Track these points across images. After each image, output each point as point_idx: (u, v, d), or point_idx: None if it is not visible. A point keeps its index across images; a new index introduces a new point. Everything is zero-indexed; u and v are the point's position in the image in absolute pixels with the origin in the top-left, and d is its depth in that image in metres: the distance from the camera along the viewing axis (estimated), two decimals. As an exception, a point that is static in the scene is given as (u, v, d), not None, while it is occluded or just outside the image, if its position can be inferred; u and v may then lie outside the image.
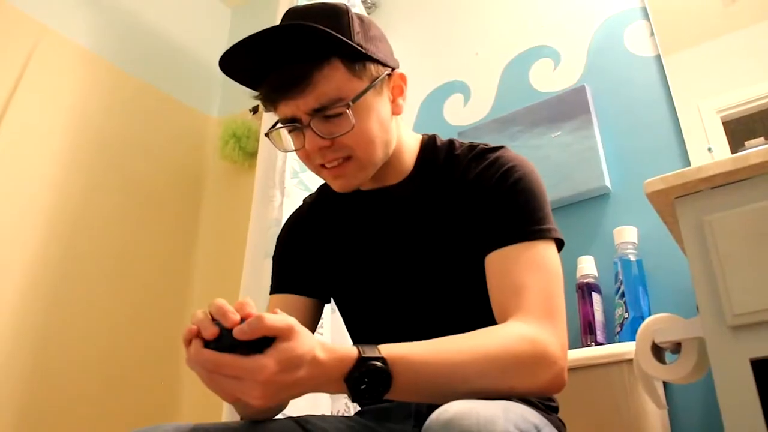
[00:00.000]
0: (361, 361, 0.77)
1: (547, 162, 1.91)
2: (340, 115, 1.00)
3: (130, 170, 2.52)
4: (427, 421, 0.73)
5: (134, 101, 2.62)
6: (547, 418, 0.92)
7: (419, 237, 1.12)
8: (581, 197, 1.84)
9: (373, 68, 1.04)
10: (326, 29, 0.94)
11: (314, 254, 1.23)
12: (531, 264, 0.97)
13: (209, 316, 0.77)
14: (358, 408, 1.25)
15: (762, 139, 1.61)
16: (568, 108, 1.95)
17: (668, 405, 1.47)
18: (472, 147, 1.14)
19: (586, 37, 2.08)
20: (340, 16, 1.01)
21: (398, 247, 1.14)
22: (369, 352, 0.78)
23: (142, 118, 2.63)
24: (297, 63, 0.97)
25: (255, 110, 2.76)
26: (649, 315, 1.43)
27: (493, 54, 2.26)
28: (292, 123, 1.01)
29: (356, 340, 1.25)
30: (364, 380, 0.77)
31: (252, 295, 1.70)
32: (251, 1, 3.26)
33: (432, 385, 0.82)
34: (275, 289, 1.25)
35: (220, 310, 0.76)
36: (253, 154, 2.61)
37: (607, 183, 1.82)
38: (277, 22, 1.91)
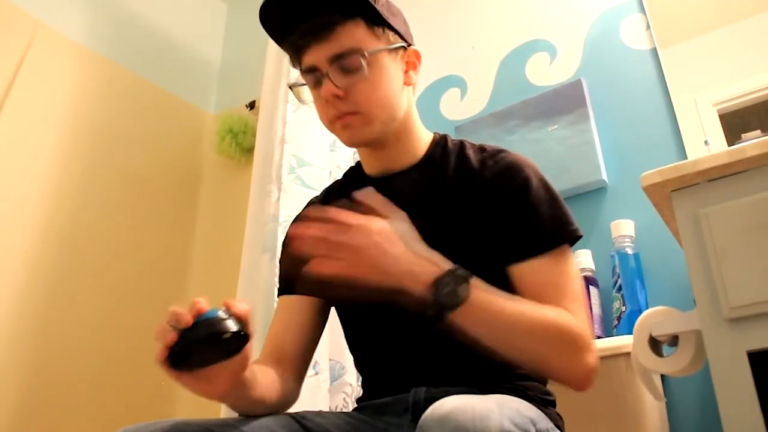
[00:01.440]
0: (454, 270, 0.84)
1: (544, 156, 1.91)
2: (355, 68, 1.08)
3: (127, 166, 2.51)
4: (423, 416, 0.74)
5: (130, 96, 2.61)
6: (544, 412, 0.93)
7: (423, 225, 1.05)
8: (578, 191, 1.84)
9: (391, 35, 1.14)
10: None
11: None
12: (563, 269, 1.04)
13: (167, 326, 0.85)
14: (355, 405, 1.25)
15: (758, 131, 1.61)
16: (565, 102, 1.95)
17: (666, 397, 1.48)
18: (482, 147, 1.19)
19: (582, 30, 2.07)
20: None
21: None
22: (460, 269, 0.84)
23: (138, 113, 2.63)
24: (327, 14, 1.08)
25: (252, 106, 2.76)
26: (647, 308, 1.43)
27: (489, 48, 2.26)
28: (314, 72, 1.10)
29: (352, 337, 1.25)
30: (448, 285, 0.83)
31: (249, 290, 1.70)
32: (247, -4, 3.26)
33: (495, 322, 0.87)
34: (282, 290, 1.26)
35: (174, 315, 0.86)
36: (249, 150, 2.61)
37: (604, 176, 1.82)
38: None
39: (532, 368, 0.96)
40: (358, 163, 1.29)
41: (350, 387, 1.68)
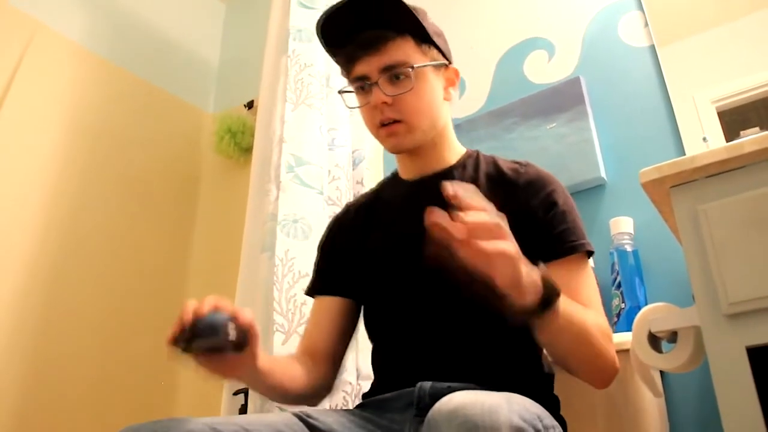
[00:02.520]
0: (552, 285, 0.90)
1: (543, 153, 1.91)
2: (402, 78, 1.20)
3: (126, 166, 2.51)
4: (432, 410, 0.75)
5: (129, 97, 2.61)
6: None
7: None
8: (577, 188, 1.84)
9: (435, 53, 1.27)
10: (408, 9, 1.19)
11: (349, 253, 1.33)
12: (586, 277, 1.16)
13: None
14: (355, 402, 1.26)
15: (757, 128, 1.61)
16: (563, 99, 1.95)
17: (665, 394, 1.48)
18: (513, 160, 1.29)
19: (580, 28, 2.08)
20: (417, 10, 1.24)
21: (422, 236, 1.15)
22: (550, 282, 0.91)
23: (137, 113, 2.63)
24: (381, 29, 1.21)
25: (250, 105, 2.76)
26: (646, 305, 1.43)
27: (487, 46, 2.26)
28: (364, 80, 1.23)
29: (375, 331, 1.30)
30: (550, 299, 0.89)
31: (248, 289, 1.70)
32: (245, -5, 3.26)
33: (570, 330, 0.95)
34: (317, 290, 1.36)
35: (188, 308, 0.97)
36: (248, 150, 2.61)
37: (603, 174, 1.82)
38: (271, 16, 1.94)
39: (576, 368, 1.06)
40: (394, 173, 1.40)
41: (350, 386, 1.68)
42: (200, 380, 2.42)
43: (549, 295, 0.87)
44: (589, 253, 1.19)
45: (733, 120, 1.69)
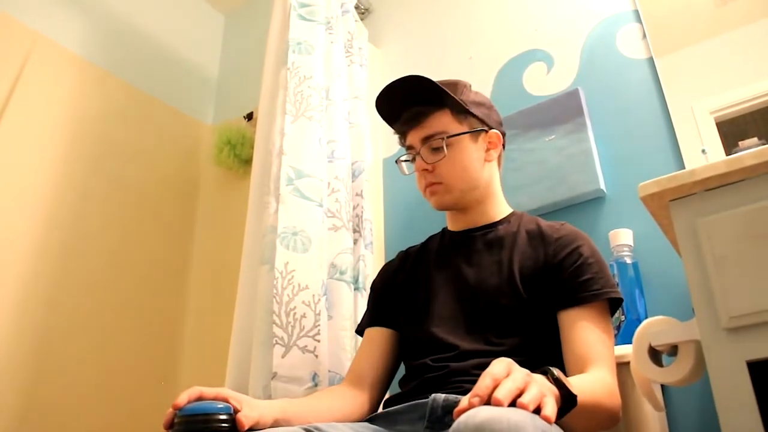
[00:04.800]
0: (569, 394, 0.90)
1: (542, 165, 1.92)
2: (439, 148, 1.37)
3: (125, 177, 2.51)
4: (457, 423, 0.75)
5: (128, 108, 2.62)
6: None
7: (489, 271, 1.33)
8: (576, 200, 1.84)
9: (474, 122, 1.42)
10: (441, 86, 1.36)
11: (398, 291, 1.48)
12: (602, 325, 1.22)
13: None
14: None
15: (755, 139, 1.61)
16: (562, 111, 1.96)
17: (666, 407, 1.47)
18: (554, 221, 1.41)
19: (578, 40, 2.08)
20: (458, 85, 1.43)
21: (464, 270, 1.36)
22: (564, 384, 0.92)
23: (136, 125, 2.63)
24: (422, 105, 1.40)
25: (249, 117, 2.76)
26: (646, 317, 1.43)
27: (486, 58, 2.26)
28: (412, 150, 1.43)
29: (410, 360, 1.38)
30: (569, 398, 0.90)
31: (247, 302, 1.69)
32: (244, 7, 3.27)
33: (584, 411, 0.95)
34: (370, 323, 1.50)
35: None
36: (247, 161, 2.61)
37: (602, 186, 1.82)
38: (270, 28, 1.96)
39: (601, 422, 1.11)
40: (444, 228, 1.54)
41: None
42: (201, 383, 2.42)
43: (567, 404, 0.89)
44: (615, 302, 1.27)
45: (732, 130, 1.70)
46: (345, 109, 2.13)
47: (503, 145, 1.49)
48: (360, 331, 1.53)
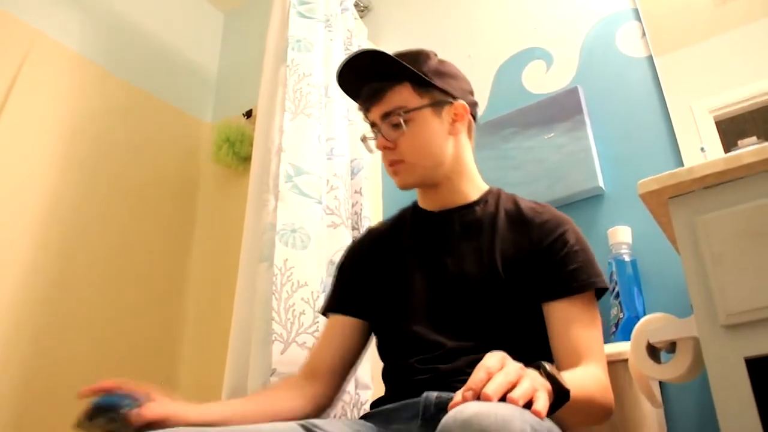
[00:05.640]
0: (561, 384, 0.88)
1: (541, 163, 1.92)
2: (398, 124, 1.29)
3: (124, 175, 2.51)
4: (444, 420, 0.75)
5: (128, 106, 2.61)
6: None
7: (469, 257, 1.27)
8: (575, 198, 1.85)
9: (436, 94, 1.32)
10: (400, 61, 1.28)
11: (368, 277, 1.39)
12: (590, 315, 1.20)
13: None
14: (354, 412, 1.27)
15: (754, 138, 1.62)
16: (561, 109, 1.96)
17: (664, 405, 1.48)
18: (532, 201, 1.36)
19: (578, 38, 2.08)
20: (419, 55, 1.34)
21: (446, 261, 1.29)
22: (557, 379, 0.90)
23: (135, 123, 2.63)
24: (381, 81, 1.31)
25: (248, 114, 2.76)
26: (644, 315, 1.43)
27: (485, 56, 2.26)
28: (374, 127, 1.34)
29: (389, 351, 1.34)
30: (562, 393, 0.88)
31: (247, 299, 1.70)
32: (243, 5, 3.26)
33: (577, 405, 0.93)
34: (332, 309, 1.42)
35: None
36: (246, 159, 2.61)
37: (601, 183, 1.82)
38: (270, 26, 1.96)
39: (575, 427, 1.09)
40: (415, 202, 1.45)
41: (348, 395, 1.68)
42: (200, 381, 2.43)
43: (560, 399, 0.88)
44: (601, 291, 1.24)
45: (731, 129, 1.70)
46: (344, 106, 2.13)
47: (474, 116, 1.40)
48: (324, 312, 1.45)
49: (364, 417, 1.25)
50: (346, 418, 1.61)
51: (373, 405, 1.28)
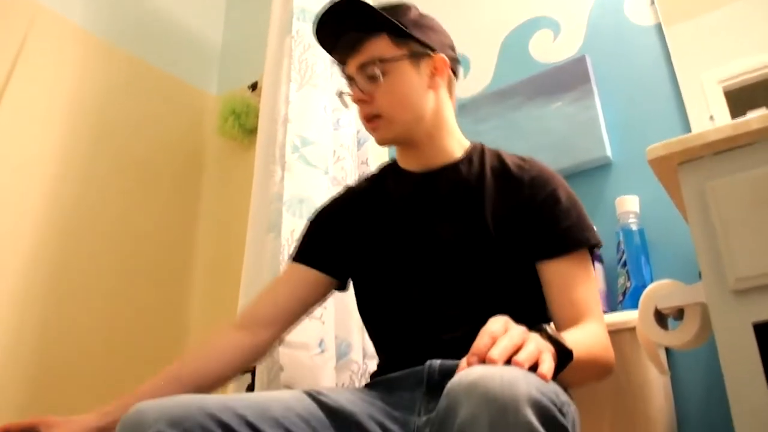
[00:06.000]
0: (563, 345, 0.88)
1: (548, 133, 1.91)
2: (374, 76, 1.24)
3: (129, 149, 2.51)
4: (450, 384, 0.76)
5: (132, 80, 2.60)
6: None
7: (458, 218, 1.24)
8: (582, 167, 1.84)
9: (414, 46, 1.26)
10: (378, 10, 1.22)
11: (347, 235, 1.35)
12: (586, 273, 1.19)
13: None
14: (361, 382, 1.28)
15: (764, 108, 1.60)
16: (569, 78, 1.94)
17: (670, 372, 1.48)
18: (517, 155, 1.32)
19: (585, 6, 2.06)
20: (399, 7, 1.29)
21: (435, 224, 1.26)
22: (559, 339, 0.89)
23: (139, 96, 2.62)
24: (358, 31, 1.26)
25: (254, 87, 2.75)
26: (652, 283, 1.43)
27: (492, 26, 2.24)
28: (351, 81, 1.28)
29: (371, 313, 1.34)
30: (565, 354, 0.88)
31: (254, 270, 1.70)
32: (248, -24, 3.24)
33: (580, 365, 0.92)
34: (295, 257, 1.37)
35: None
36: (252, 131, 2.60)
37: (609, 153, 1.82)
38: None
39: (579, 385, 1.09)
40: (395, 159, 1.40)
41: (356, 365, 1.69)
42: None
43: (563, 361, 0.88)
44: (594, 246, 1.22)
45: (740, 100, 1.68)
46: (350, 77, 2.12)
47: (455, 73, 1.35)
48: (291, 259, 1.40)
49: (368, 386, 1.25)
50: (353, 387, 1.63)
51: (374, 375, 1.28)
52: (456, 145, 1.33)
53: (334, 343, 1.64)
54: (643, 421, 1.37)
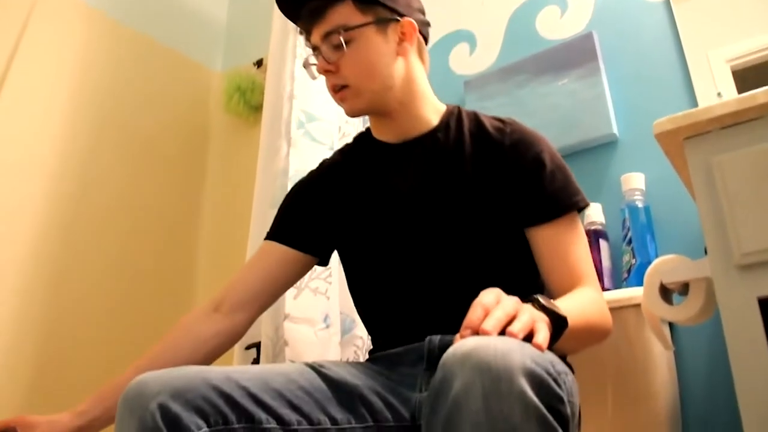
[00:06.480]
0: (559, 318, 0.88)
1: (554, 110, 1.90)
2: (339, 45, 1.19)
3: (134, 126, 2.51)
4: (445, 355, 0.76)
5: (136, 56, 2.59)
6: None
7: (440, 188, 1.21)
8: (588, 144, 1.83)
9: (380, 12, 1.21)
10: None
11: (325, 210, 1.32)
12: (578, 236, 1.17)
13: None
14: (367, 357, 1.28)
15: (771, 85, 1.59)
16: (576, 55, 1.93)
17: (674, 347, 1.48)
18: (496, 117, 1.28)
19: (594, -18, 2.04)
20: None
21: (417, 197, 1.22)
22: (554, 307, 0.89)
23: (144, 73, 2.61)
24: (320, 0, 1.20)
25: (259, 64, 2.74)
26: (657, 260, 1.43)
27: (498, 2, 2.22)
28: (316, 51, 1.23)
29: (362, 291, 1.31)
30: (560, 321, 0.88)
31: (259, 246, 1.70)
32: (253, -48, 3.22)
33: (576, 332, 0.93)
34: (270, 236, 1.35)
35: None
36: (257, 108, 2.59)
37: (615, 130, 1.81)
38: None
39: (577, 351, 1.10)
40: (368, 129, 1.36)
41: (361, 340, 1.70)
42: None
43: (558, 330, 0.87)
44: (584, 209, 1.20)
45: (748, 79, 1.67)
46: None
47: (425, 37, 1.31)
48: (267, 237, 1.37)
49: (369, 361, 1.25)
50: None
51: (372, 351, 1.27)
52: (431, 111, 1.29)
53: (338, 319, 1.65)
54: (646, 396, 1.37)
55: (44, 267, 2.10)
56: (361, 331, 1.70)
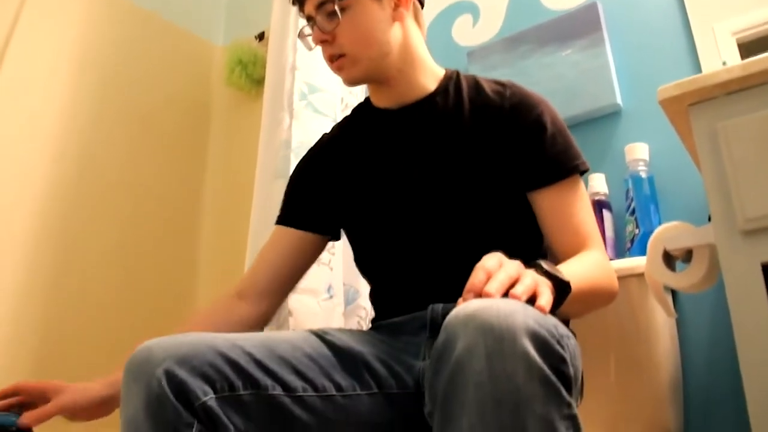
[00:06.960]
0: (561, 278, 0.87)
1: (558, 80, 1.89)
2: (333, 13, 1.17)
3: (136, 101, 2.50)
4: (448, 317, 0.76)
5: (137, 31, 2.58)
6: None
7: (439, 153, 1.20)
8: (592, 115, 1.82)
9: None
10: None
11: (328, 187, 1.32)
12: (582, 199, 1.17)
13: None
14: (371, 324, 1.29)
15: (776, 52, 1.58)
16: (579, 26, 1.91)
17: (677, 315, 1.49)
18: (495, 80, 1.26)
19: (598, -49, 2.02)
20: None
21: (418, 163, 1.21)
22: (556, 272, 0.88)
23: (146, 47, 2.60)
24: None
25: (261, 37, 2.72)
26: (660, 230, 1.43)
27: (502, -28, 2.21)
28: (311, 21, 1.21)
29: (366, 260, 1.31)
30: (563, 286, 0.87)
31: (262, 217, 1.71)
32: (254, -77, 3.19)
33: (581, 295, 0.93)
34: (281, 220, 1.35)
35: None
36: (259, 81, 2.58)
37: (619, 100, 1.80)
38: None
39: (584, 314, 1.11)
40: (368, 99, 1.35)
41: (364, 311, 1.70)
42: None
43: (562, 294, 0.87)
44: (585, 171, 1.20)
45: (753, 52, 1.65)
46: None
47: (421, 2, 1.30)
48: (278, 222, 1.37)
49: (373, 329, 1.25)
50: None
51: (375, 320, 1.27)
52: (429, 76, 1.27)
53: (342, 289, 1.66)
54: (648, 365, 1.38)
55: (45, 249, 2.10)
56: (364, 301, 1.71)
